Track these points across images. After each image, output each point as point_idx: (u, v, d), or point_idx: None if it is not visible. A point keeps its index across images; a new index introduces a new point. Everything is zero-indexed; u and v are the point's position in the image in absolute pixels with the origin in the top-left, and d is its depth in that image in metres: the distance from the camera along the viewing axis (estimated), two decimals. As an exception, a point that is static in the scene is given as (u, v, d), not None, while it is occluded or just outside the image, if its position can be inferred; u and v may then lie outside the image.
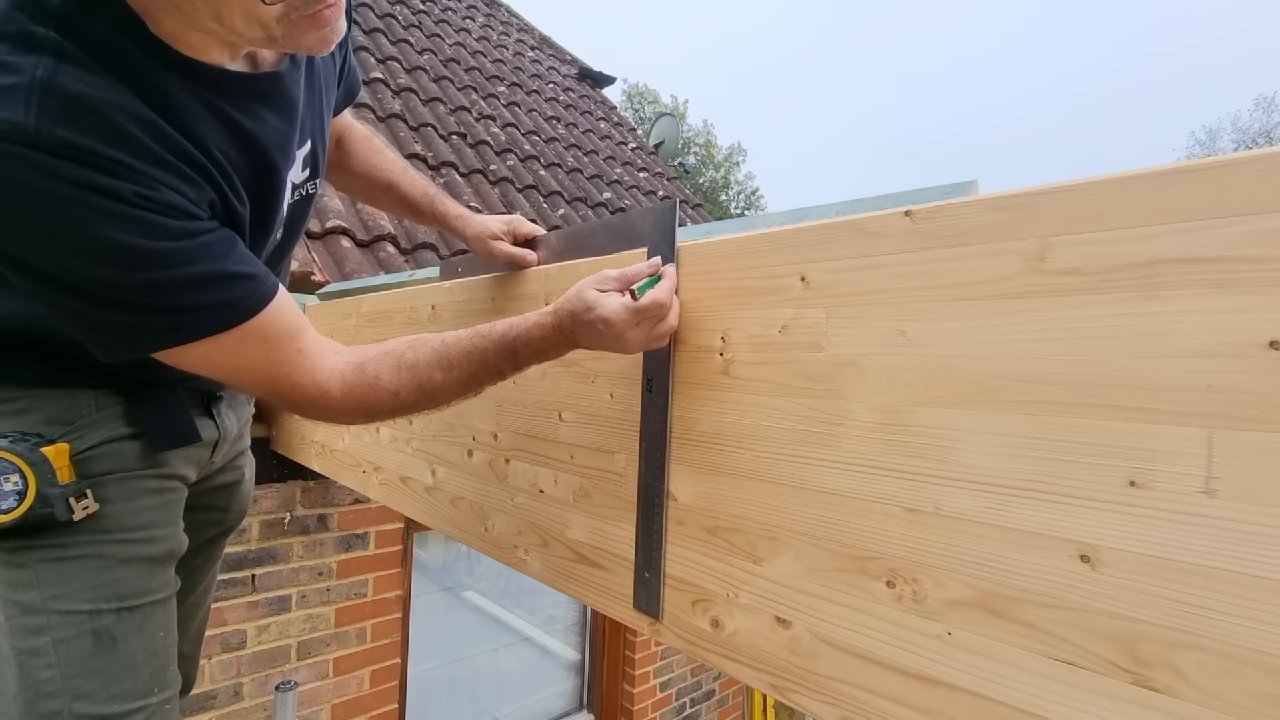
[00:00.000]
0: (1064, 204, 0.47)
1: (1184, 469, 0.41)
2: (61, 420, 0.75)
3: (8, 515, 0.70)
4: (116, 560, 0.76)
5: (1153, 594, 0.42)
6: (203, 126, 0.63)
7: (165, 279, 0.59)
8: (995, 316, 0.50)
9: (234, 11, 0.54)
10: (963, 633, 0.51)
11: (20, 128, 0.51)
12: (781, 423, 0.64)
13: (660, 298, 0.69)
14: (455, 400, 0.75)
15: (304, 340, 0.70)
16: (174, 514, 0.85)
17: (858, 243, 0.59)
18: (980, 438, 0.51)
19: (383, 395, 0.71)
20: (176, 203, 0.59)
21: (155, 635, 0.79)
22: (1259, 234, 0.39)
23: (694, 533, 0.73)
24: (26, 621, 0.72)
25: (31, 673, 0.71)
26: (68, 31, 0.54)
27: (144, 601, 0.78)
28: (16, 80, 0.52)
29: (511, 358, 0.73)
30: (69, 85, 0.53)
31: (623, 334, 0.68)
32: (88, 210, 0.54)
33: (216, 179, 0.65)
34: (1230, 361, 0.40)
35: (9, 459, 0.70)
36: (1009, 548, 0.49)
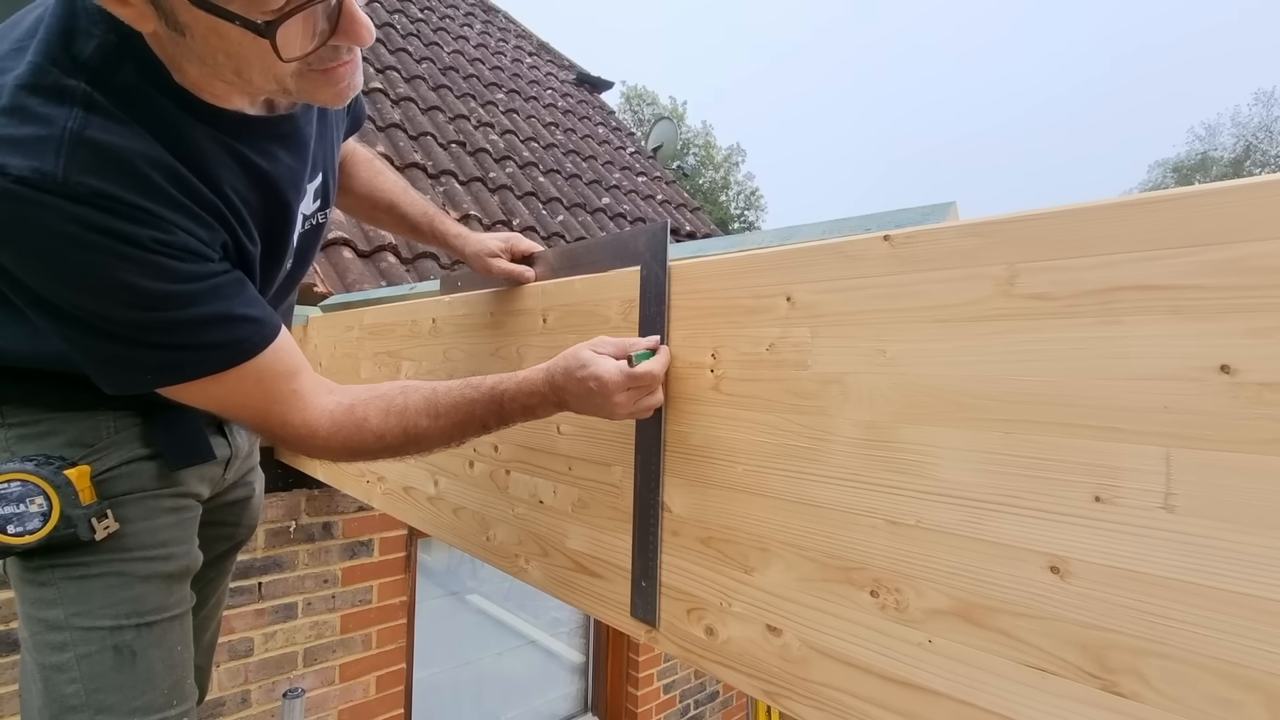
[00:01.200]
0: (1031, 232, 0.49)
1: (1144, 485, 0.44)
2: (82, 442, 0.78)
3: (33, 536, 0.73)
4: (136, 577, 0.79)
5: (1118, 604, 0.45)
6: (221, 170, 0.67)
7: (173, 319, 0.62)
8: (969, 338, 0.52)
9: (253, 67, 0.57)
10: (942, 640, 0.53)
11: (50, 176, 0.54)
12: (770, 437, 0.67)
13: (654, 369, 0.72)
14: (439, 448, 0.77)
15: (299, 381, 0.72)
16: (190, 531, 0.88)
17: (840, 265, 0.61)
18: (957, 454, 0.53)
19: (367, 438, 0.73)
20: (190, 245, 0.63)
21: (173, 650, 0.82)
22: (1211, 264, 0.41)
23: (688, 543, 0.75)
24: (50, 638, 0.74)
25: (56, 687, 0.74)
26: (97, 82, 0.58)
27: (162, 617, 0.80)
28: (49, 132, 0.55)
29: (498, 411, 0.74)
30: (97, 136, 0.57)
31: (612, 396, 0.70)
32: (107, 254, 0.57)
33: (230, 221, 0.68)
34: (1185, 384, 0.42)
35: (34, 482, 0.73)
36: (984, 559, 0.51)
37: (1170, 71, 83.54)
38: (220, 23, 0.53)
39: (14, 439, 0.76)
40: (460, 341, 1.18)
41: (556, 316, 0.96)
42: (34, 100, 0.56)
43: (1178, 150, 28.46)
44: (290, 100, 0.67)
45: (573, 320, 0.93)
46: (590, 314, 0.90)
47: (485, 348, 1.11)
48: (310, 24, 0.56)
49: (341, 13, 0.57)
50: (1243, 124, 24.86)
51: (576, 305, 0.92)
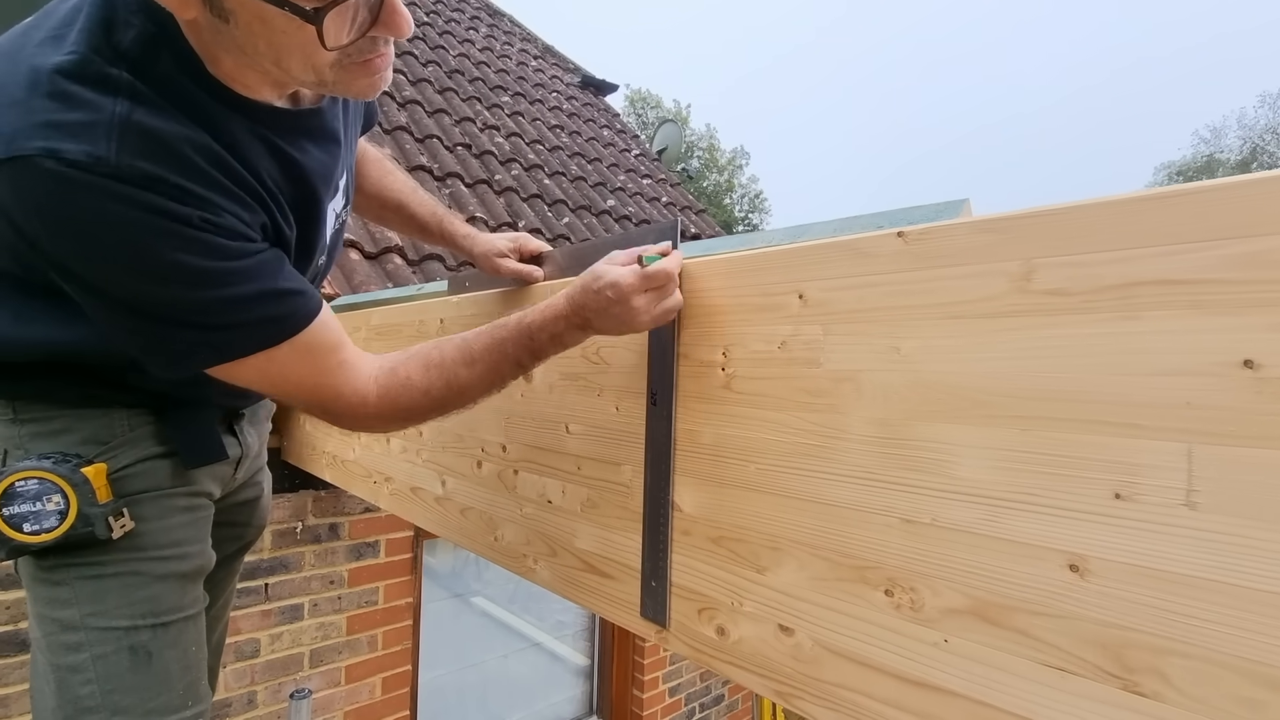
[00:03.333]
0: (1048, 227, 0.49)
1: (1166, 482, 0.43)
2: (97, 440, 0.78)
3: (50, 534, 0.72)
4: (152, 577, 0.79)
5: (1139, 602, 0.44)
6: (256, 157, 0.68)
7: (224, 296, 0.63)
8: (984, 334, 0.52)
9: (293, 55, 0.58)
10: (959, 640, 0.53)
11: (103, 160, 0.56)
12: (782, 436, 0.66)
13: (668, 266, 0.72)
14: (482, 395, 0.77)
15: (345, 352, 0.73)
16: (203, 531, 0.88)
17: (852, 262, 0.61)
18: (973, 451, 0.52)
19: (415, 395, 0.74)
20: (235, 226, 0.64)
21: (188, 650, 0.81)
22: (1231, 257, 0.41)
23: (699, 543, 0.75)
24: (65, 638, 0.74)
25: (70, 688, 0.73)
26: (138, 72, 0.59)
27: (177, 617, 0.80)
28: (97, 117, 0.56)
29: (529, 344, 0.75)
30: (144, 121, 0.58)
31: (630, 300, 0.70)
32: (158, 234, 0.58)
33: (268, 204, 0.69)
34: (1207, 380, 0.42)
35: (52, 480, 0.73)
36: (1002, 557, 0.51)
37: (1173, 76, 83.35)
38: (267, 8, 0.54)
39: (28, 436, 0.76)
40: (468, 341, 1.18)
41: (565, 316, 0.96)
42: (78, 87, 0.57)
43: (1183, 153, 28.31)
44: (325, 91, 0.68)
45: (582, 319, 0.92)
46: (599, 313, 0.89)
47: (493, 348, 1.11)
48: (352, 14, 0.57)
49: (383, 4, 0.58)
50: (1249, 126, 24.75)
51: (585, 304, 0.92)
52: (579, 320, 0.73)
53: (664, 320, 0.75)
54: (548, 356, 0.77)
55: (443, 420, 0.82)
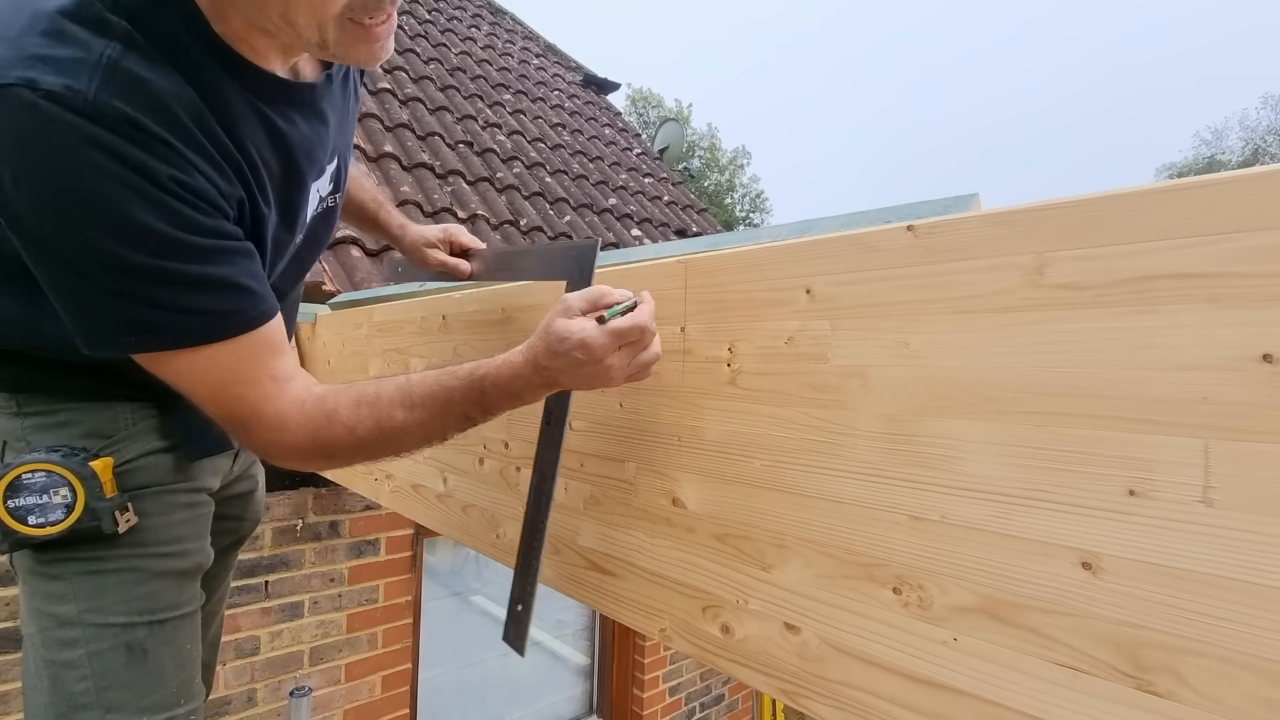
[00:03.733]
0: (1061, 220, 0.48)
1: (1182, 478, 0.42)
2: (100, 434, 0.77)
3: (55, 528, 0.71)
4: (151, 574, 0.78)
5: (1153, 600, 0.43)
6: (245, 126, 0.66)
7: (173, 271, 0.59)
8: (996, 329, 0.51)
9: (300, 8, 0.57)
10: (968, 638, 0.52)
11: (80, 94, 0.53)
12: (789, 432, 0.66)
13: (641, 320, 0.67)
14: (417, 446, 0.71)
15: (279, 365, 0.68)
16: (203, 528, 0.87)
17: (861, 256, 0.60)
18: (984, 447, 0.52)
19: (338, 431, 0.67)
20: (208, 193, 0.61)
21: (183, 648, 0.81)
22: (1250, 250, 0.40)
23: (704, 540, 0.74)
24: (62, 634, 0.73)
25: (65, 684, 0.73)
26: (137, 23, 0.58)
27: (174, 615, 0.79)
28: (85, 55, 0.55)
29: (479, 399, 0.69)
30: (132, 68, 0.56)
31: (603, 360, 0.65)
32: (121, 185, 0.55)
33: (248, 178, 0.66)
34: (1225, 374, 0.41)
35: (60, 473, 0.72)
36: (1012, 555, 0.50)
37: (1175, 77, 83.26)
38: None
39: (30, 428, 0.76)
40: (471, 338, 1.18)
41: (569, 312, 0.95)
42: (75, 27, 0.55)
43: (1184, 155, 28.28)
44: (327, 55, 0.65)
45: (585, 315, 0.92)
46: (603, 309, 0.89)
47: (497, 344, 1.10)
48: None
49: None
50: (1251, 127, 24.72)
51: (589, 300, 0.91)
52: (542, 379, 0.68)
53: (642, 376, 0.71)
54: (501, 412, 0.71)
55: None
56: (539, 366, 0.67)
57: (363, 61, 0.65)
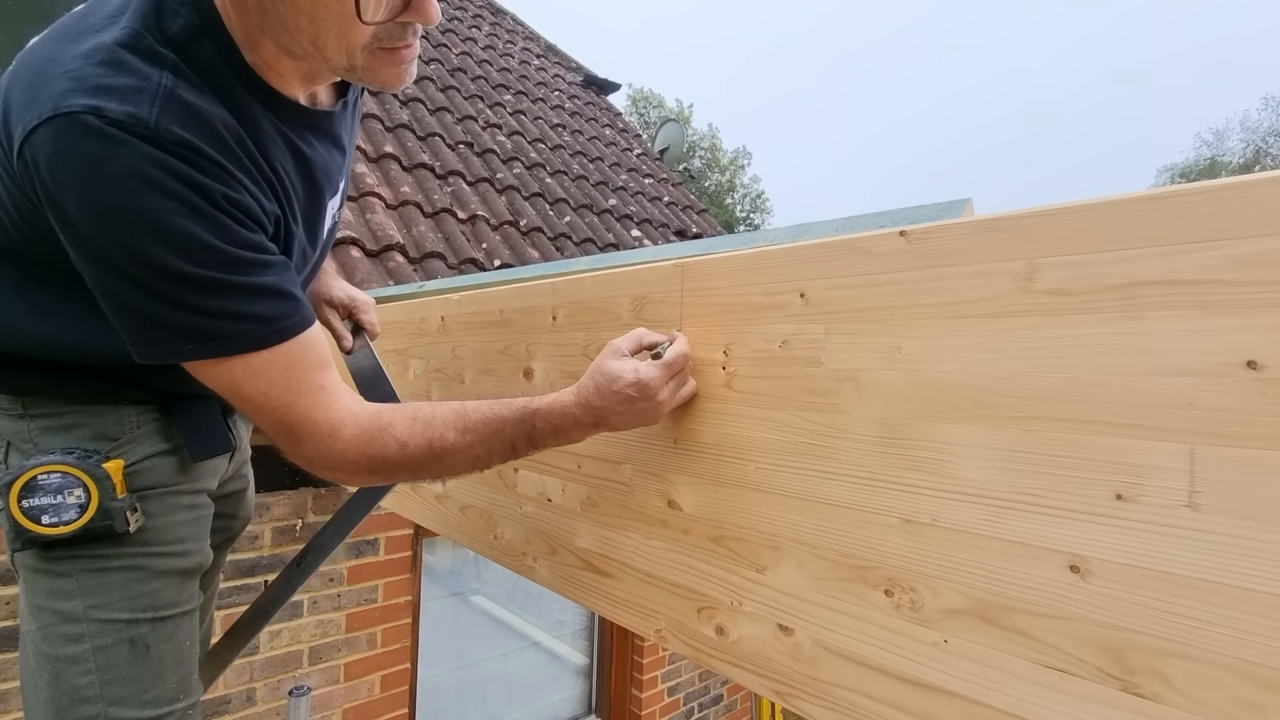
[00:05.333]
0: (1051, 226, 0.49)
1: (1168, 483, 0.43)
2: (107, 436, 0.78)
3: (68, 527, 0.73)
4: (154, 572, 0.79)
5: (1140, 603, 0.44)
6: (274, 149, 0.70)
7: (226, 281, 0.62)
8: (987, 334, 0.52)
9: (330, 33, 0.62)
10: (958, 640, 0.53)
11: (144, 121, 0.58)
12: (783, 435, 0.66)
13: (684, 349, 0.72)
14: (465, 469, 0.73)
15: (328, 376, 0.70)
16: (204, 529, 0.89)
17: (855, 261, 0.61)
18: (974, 451, 0.52)
19: (390, 444, 0.69)
20: (253, 210, 0.65)
21: (183, 644, 0.82)
22: (1236, 258, 0.41)
23: (698, 542, 0.75)
24: (66, 629, 0.74)
25: (67, 679, 0.74)
26: (184, 55, 0.63)
27: (175, 612, 0.81)
28: (144, 84, 0.59)
29: (529, 431, 0.71)
30: (184, 95, 0.61)
31: (657, 394, 0.69)
32: (180, 203, 0.59)
33: (280, 197, 0.71)
34: (1211, 380, 0.41)
35: (75, 474, 0.73)
36: (1002, 558, 0.50)
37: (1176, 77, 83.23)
38: None
39: (38, 431, 0.77)
40: (469, 339, 1.18)
41: (566, 314, 0.96)
42: (131, 57, 0.60)
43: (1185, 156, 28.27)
44: (355, 78, 0.69)
45: (583, 318, 0.92)
46: (600, 311, 0.89)
47: (494, 345, 1.11)
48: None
49: None
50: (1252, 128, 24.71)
51: (586, 302, 0.92)
52: (591, 419, 0.71)
53: (680, 404, 0.74)
54: (545, 448, 0.74)
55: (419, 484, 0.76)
56: (589, 406, 0.70)
57: (388, 85, 0.68)
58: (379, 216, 2.77)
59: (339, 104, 0.81)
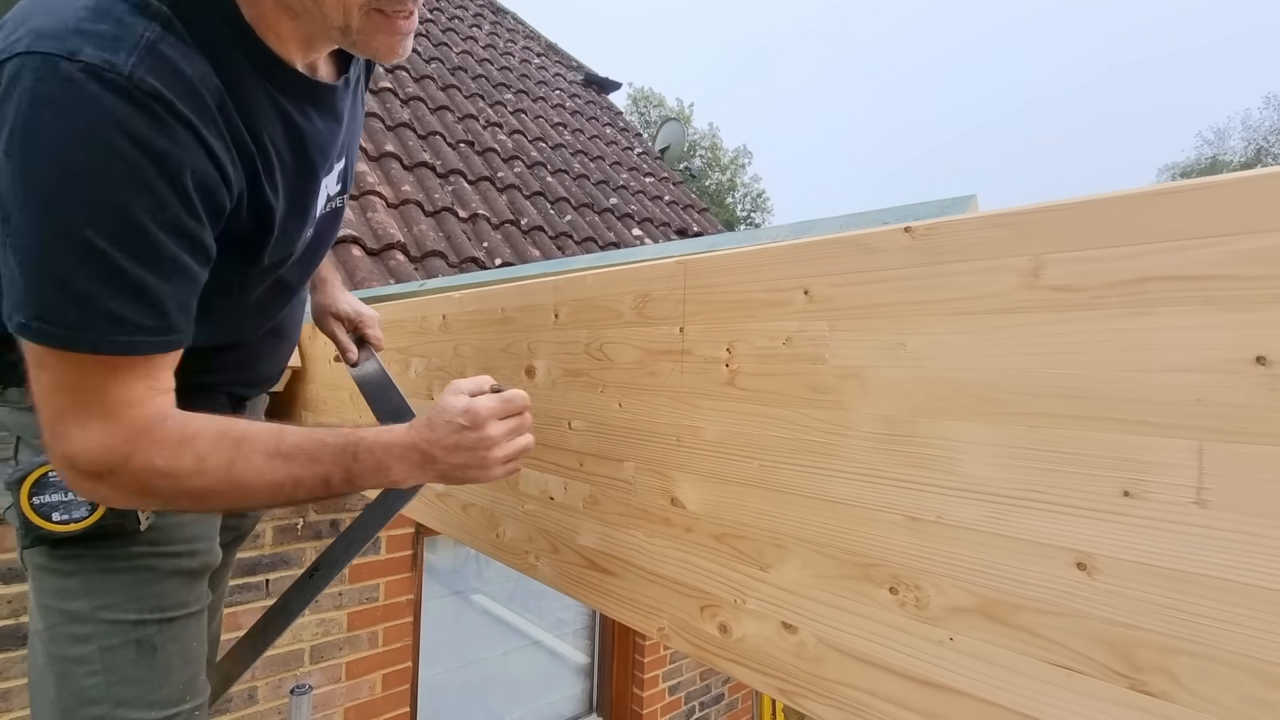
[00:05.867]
0: (1057, 222, 0.48)
1: (1176, 480, 0.43)
2: None
3: (79, 524, 0.72)
4: (163, 573, 0.79)
5: (1148, 601, 0.44)
6: (263, 118, 0.68)
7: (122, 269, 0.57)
8: (992, 330, 0.51)
9: None
10: (964, 638, 0.52)
11: (118, 68, 0.55)
12: (787, 432, 0.66)
13: (523, 396, 0.72)
14: (261, 501, 0.67)
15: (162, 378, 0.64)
16: (213, 529, 0.88)
17: (859, 257, 0.61)
18: (980, 448, 0.52)
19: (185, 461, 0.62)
20: (210, 183, 0.61)
21: (190, 645, 0.82)
22: (1244, 253, 0.40)
23: (702, 540, 0.74)
24: (73, 630, 0.74)
25: (74, 680, 0.73)
26: (178, 9, 0.60)
27: (183, 613, 0.80)
28: (126, 34, 0.56)
29: (349, 462, 0.67)
30: (168, 51, 0.58)
31: (485, 424, 0.68)
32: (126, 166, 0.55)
33: (258, 169, 0.68)
34: (1219, 376, 0.41)
35: None
36: (1008, 555, 0.50)
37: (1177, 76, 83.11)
38: None
39: None
40: (471, 337, 1.18)
41: (569, 312, 0.95)
42: (119, 7, 0.57)
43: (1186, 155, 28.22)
44: (349, 44, 0.67)
45: (585, 315, 0.92)
46: (603, 309, 0.89)
47: (496, 343, 1.11)
48: None
49: None
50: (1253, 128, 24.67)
51: (589, 300, 0.92)
52: (418, 455, 0.68)
53: (513, 462, 0.72)
54: (364, 487, 0.70)
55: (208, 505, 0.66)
56: (418, 439, 0.69)
57: (382, 55, 0.66)
58: (380, 215, 2.77)
59: (340, 79, 0.80)
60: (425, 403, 1.32)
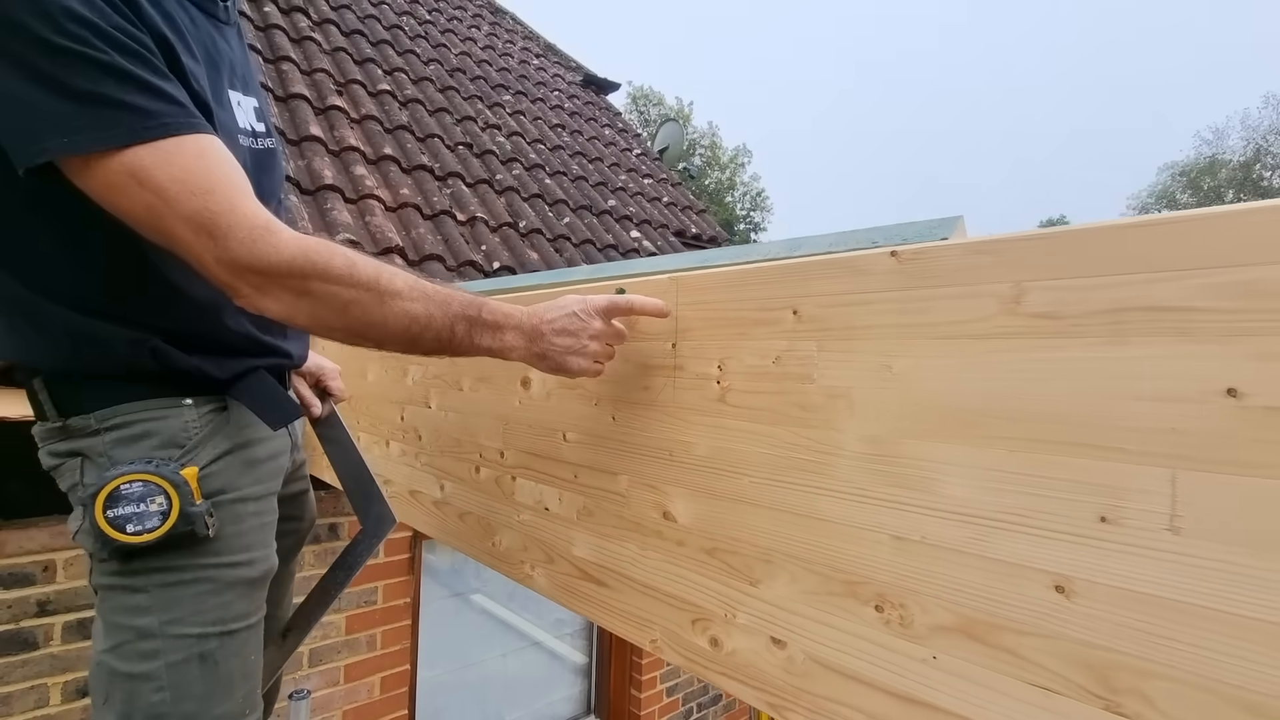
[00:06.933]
0: (1038, 251, 0.49)
1: (1150, 506, 0.44)
2: (175, 443, 0.78)
3: (152, 534, 0.73)
4: (224, 584, 0.79)
5: (1124, 624, 0.45)
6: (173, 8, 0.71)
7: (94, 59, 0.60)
8: (975, 355, 0.52)
9: None
10: (947, 657, 0.53)
11: None
12: (776, 450, 0.67)
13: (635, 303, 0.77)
14: (398, 329, 0.70)
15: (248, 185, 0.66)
16: (270, 535, 0.88)
17: (847, 279, 0.61)
18: (963, 470, 0.53)
19: (335, 257, 0.65)
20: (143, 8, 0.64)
21: (249, 659, 0.82)
22: (1219, 286, 0.41)
23: (693, 554, 0.75)
24: (141, 646, 0.74)
25: (142, 696, 0.74)
26: None
27: (243, 625, 0.81)
28: None
29: (474, 316, 0.72)
30: None
31: (595, 317, 0.75)
32: None
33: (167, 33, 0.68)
34: (1192, 406, 0.42)
35: (156, 481, 0.74)
36: (990, 576, 0.51)
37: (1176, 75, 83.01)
38: None
39: (111, 443, 0.77)
40: (467, 347, 1.19)
41: (563, 325, 0.96)
42: None
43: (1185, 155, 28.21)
44: None
45: (579, 329, 0.93)
46: (597, 323, 0.90)
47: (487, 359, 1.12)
48: None
49: None
50: (1252, 127, 24.67)
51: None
52: (530, 328, 0.74)
53: (601, 363, 0.78)
54: (480, 347, 0.74)
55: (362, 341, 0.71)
56: (531, 314, 0.75)
57: None
58: (378, 219, 2.77)
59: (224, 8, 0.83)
60: (423, 410, 1.33)
